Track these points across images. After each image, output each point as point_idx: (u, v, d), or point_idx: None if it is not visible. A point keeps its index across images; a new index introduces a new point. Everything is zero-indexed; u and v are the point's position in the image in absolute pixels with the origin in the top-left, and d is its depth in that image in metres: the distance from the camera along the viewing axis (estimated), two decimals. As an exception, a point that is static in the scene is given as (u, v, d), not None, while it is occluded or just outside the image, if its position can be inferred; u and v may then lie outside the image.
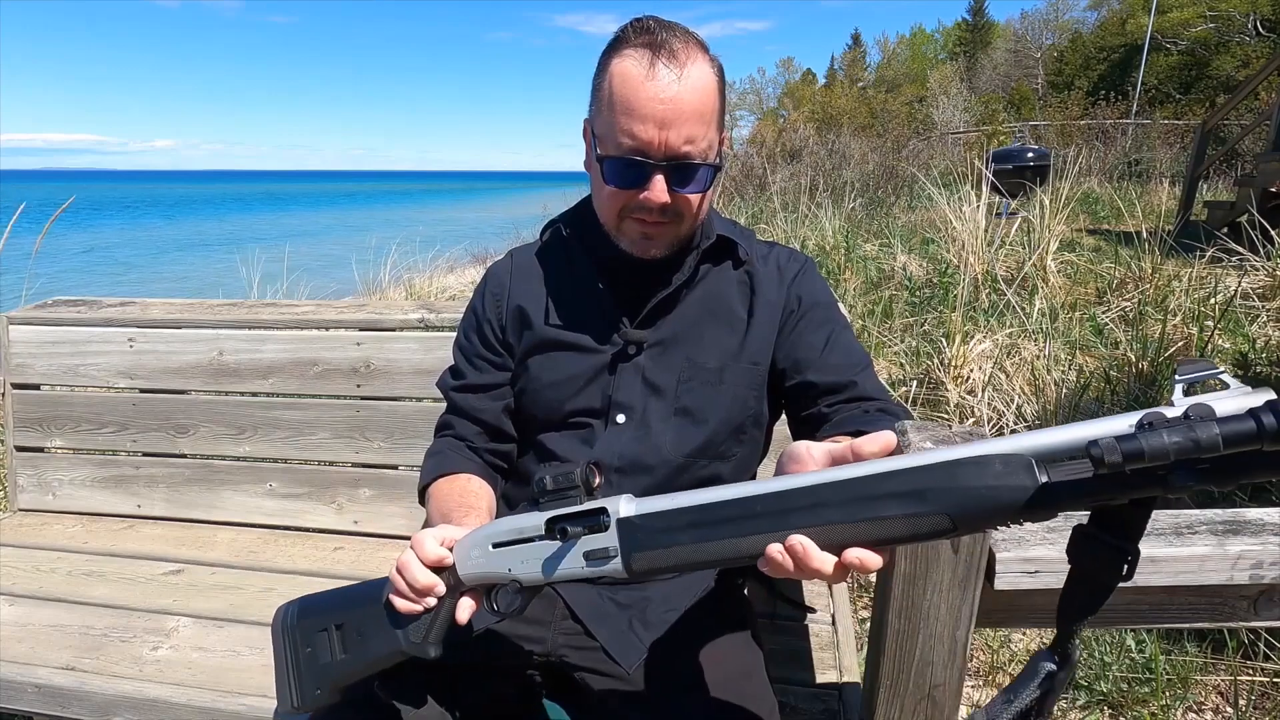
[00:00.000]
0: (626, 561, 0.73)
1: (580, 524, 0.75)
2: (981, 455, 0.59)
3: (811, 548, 0.63)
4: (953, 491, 0.60)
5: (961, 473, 0.59)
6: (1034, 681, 0.64)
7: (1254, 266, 4.32)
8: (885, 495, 0.62)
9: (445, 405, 1.20)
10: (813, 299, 1.12)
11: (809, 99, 36.04)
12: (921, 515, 0.61)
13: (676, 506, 0.70)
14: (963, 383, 3.44)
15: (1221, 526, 0.86)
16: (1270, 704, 1.81)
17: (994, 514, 0.59)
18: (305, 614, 0.93)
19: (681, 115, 0.94)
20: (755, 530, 0.66)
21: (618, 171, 0.98)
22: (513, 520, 0.80)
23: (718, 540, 0.68)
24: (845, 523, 0.63)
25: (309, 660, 0.91)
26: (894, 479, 0.62)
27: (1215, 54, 25.06)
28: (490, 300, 1.17)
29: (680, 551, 0.70)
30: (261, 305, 2.01)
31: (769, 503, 0.66)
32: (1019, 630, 2.16)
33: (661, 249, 1.05)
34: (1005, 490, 0.58)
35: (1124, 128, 17.92)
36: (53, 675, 1.35)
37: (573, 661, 1.05)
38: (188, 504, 1.95)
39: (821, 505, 0.64)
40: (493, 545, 0.81)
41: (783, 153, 13.20)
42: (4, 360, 1.98)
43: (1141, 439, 0.51)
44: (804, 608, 1.54)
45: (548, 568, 0.78)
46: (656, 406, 1.08)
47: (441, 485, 1.08)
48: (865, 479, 0.63)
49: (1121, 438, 0.52)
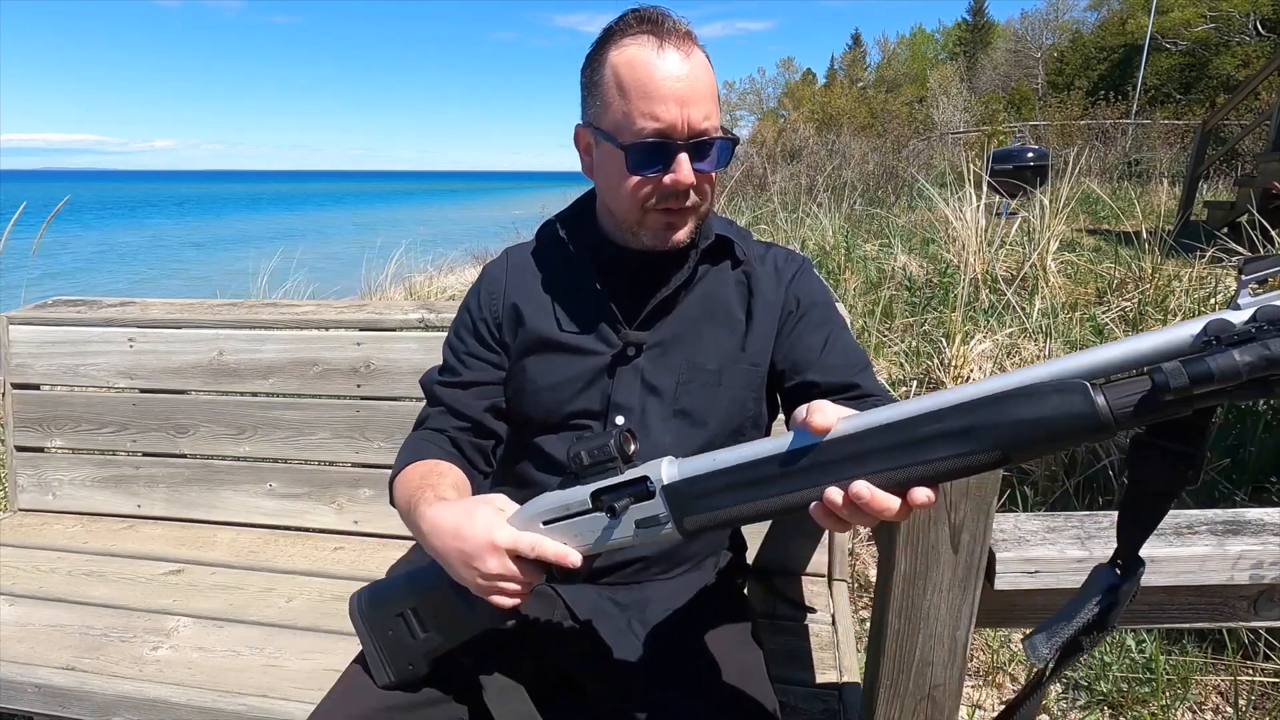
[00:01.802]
0: (679, 525, 0.73)
1: (625, 494, 0.75)
2: (1032, 384, 0.56)
3: (877, 493, 0.61)
4: (1003, 426, 0.57)
5: (1012, 406, 0.56)
6: (1095, 595, 0.60)
7: (1254, 266, 4.32)
8: (933, 437, 0.59)
9: (425, 400, 1.18)
10: (811, 300, 1.11)
11: (809, 99, 36.02)
12: (973, 453, 0.58)
13: (719, 468, 0.69)
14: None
15: (1221, 526, 0.86)
16: (1270, 704, 1.81)
17: (1050, 443, 0.56)
18: (377, 602, 0.97)
19: (697, 92, 0.95)
20: (804, 484, 0.65)
21: (644, 156, 0.97)
22: (557, 496, 0.81)
23: (767, 497, 0.67)
24: (894, 468, 0.61)
25: (394, 641, 0.95)
26: (940, 418, 0.59)
27: (1215, 54, 25.07)
28: (485, 299, 1.15)
29: (731, 511, 0.70)
30: (261, 305, 2.01)
31: (814, 455, 0.64)
32: (1019, 630, 2.16)
33: (685, 235, 1.04)
34: (1061, 419, 0.55)
35: (1124, 128, 17.93)
36: (53, 675, 1.35)
37: (573, 660, 1.05)
38: (188, 504, 1.95)
39: (868, 453, 0.61)
40: (543, 523, 0.81)
41: (783, 153, 13.20)
42: (4, 360, 1.98)
43: (1210, 360, 0.47)
44: (804, 608, 1.54)
45: (602, 539, 0.78)
46: (655, 409, 1.08)
47: (407, 471, 1.05)
48: (910, 420, 0.60)
49: (1187, 359, 0.48)
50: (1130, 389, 0.53)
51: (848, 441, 0.62)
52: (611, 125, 0.98)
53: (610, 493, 0.76)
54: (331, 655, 1.38)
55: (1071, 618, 0.61)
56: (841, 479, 0.62)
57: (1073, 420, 0.54)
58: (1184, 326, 0.51)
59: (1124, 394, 0.53)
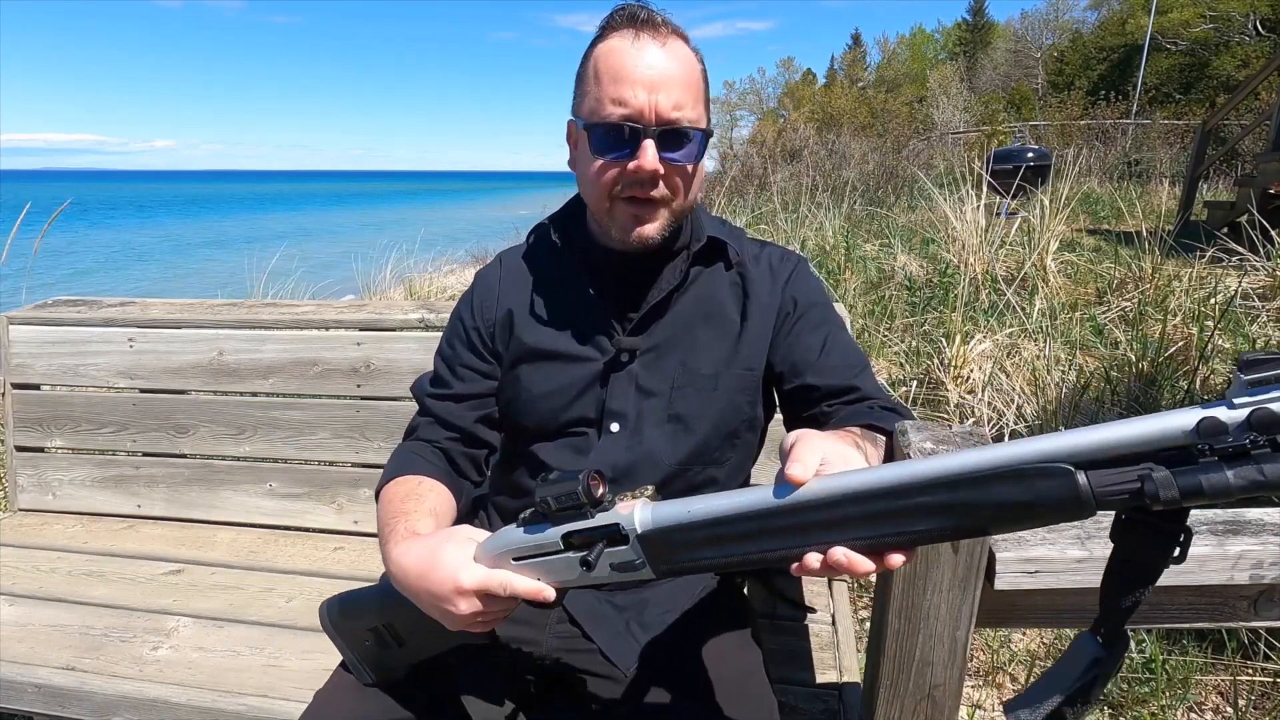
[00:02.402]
0: (655, 569, 0.73)
1: (599, 538, 0.74)
2: (1016, 465, 0.55)
3: (855, 558, 0.62)
4: (986, 506, 0.56)
5: (997, 488, 0.55)
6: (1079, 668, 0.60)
7: (1254, 267, 4.32)
8: (913, 510, 0.59)
9: (417, 409, 1.16)
10: (809, 300, 1.11)
11: (809, 99, 36.03)
12: (953, 528, 0.58)
13: (693, 520, 0.68)
14: (963, 383, 3.44)
15: (1221, 526, 0.86)
16: (1270, 704, 1.81)
17: (1030, 521, 0.56)
18: (349, 613, 0.97)
19: (670, 80, 0.95)
20: (782, 545, 0.64)
21: (607, 139, 0.97)
22: (528, 536, 0.79)
23: (744, 554, 0.67)
24: (873, 536, 0.61)
25: (371, 651, 0.96)
26: (921, 492, 0.58)
27: (1215, 54, 25.06)
28: (478, 307, 1.14)
29: (706, 562, 0.69)
30: (261, 305, 2.01)
31: (793, 517, 0.63)
32: (1019, 630, 2.16)
33: (654, 231, 1.01)
34: (1042, 504, 0.54)
35: (1124, 128, 17.93)
36: (53, 675, 1.35)
37: (570, 664, 1.05)
38: (188, 504, 1.95)
39: (848, 520, 0.61)
40: (514, 559, 0.80)
41: (783, 153, 13.20)
42: (4, 360, 1.98)
43: (1202, 477, 0.47)
44: (804, 608, 1.54)
45: (576, 579, 0.77)
46: (649, 413, 1.07)
47: (389, 488, 1.03)
48: (890, 491, 0.59)
49: (1179, 471, 0.48)
50: (1117, 480, 0.53)
51: (829, 506, 0.62)
52: (586, 112, 0.99)
53: (583, 534, 0.75)
54: (331, 655, 1.35)
55: (1056, 690, 0.60)
56: (820, 543, 0.63)
57: (1054, 504, 0.54)
58: (1176, 417, 0.50)
59: (1110, 484, 0.53)
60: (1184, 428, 0.50)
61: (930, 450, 0.80)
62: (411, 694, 0.98)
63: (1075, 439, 0.54)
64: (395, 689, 0.97)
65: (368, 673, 0.97)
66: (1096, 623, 0.61)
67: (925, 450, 0.80)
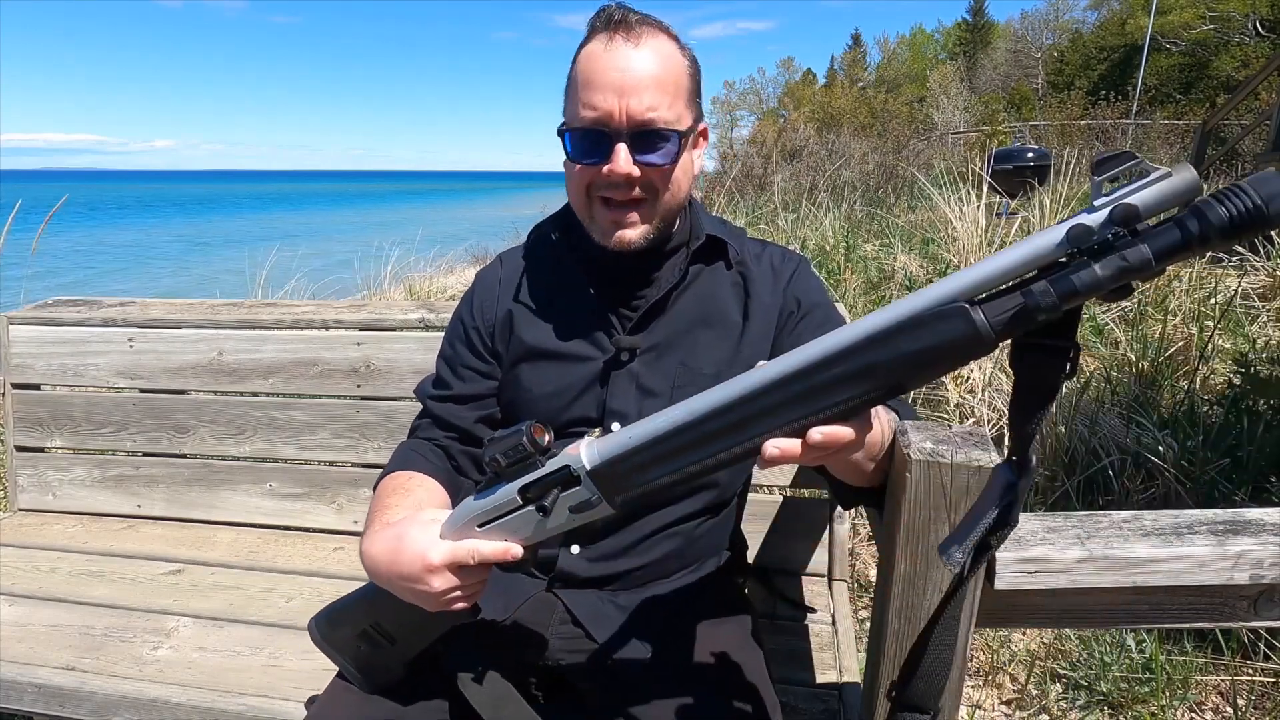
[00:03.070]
0: (611, 503, 0.75)
1: (551, 485, 0.76)
2: (915, 314, 0.58)
3: (789, 445, 0.63)
4: (898, 359, 0.59)
5: (902, 340, 0.59)
6: (996, 496, 0.64)
7: (1254, 266, 4.32)
8: (834, 382, 0.61)
9: (420, 409, 1.18)
10: (811, 300, 1.11)
11: (809, 99, 36.01)
12: (873, 390, 0.61)
13: (636, 444, 0.71)
14: (963, 382, 3.44)
15: (1221, 526, 0.86)
16: (1270, 704, 1.82)
17: (940, 365, 0.59)
18: (336, 623, 0.97)
19: (641, 82, 0.94)
20: (721, 448, 0.67)
21: (579, 143, 0.98)
22: (484, 501, 0.81)
23: (688, 465, 0.69)
24: (803, 417, 0.63)
25: (366, 657, 0.96)
26: (837, 363, 0.61)
27: (1215, 54, 25.05)
28: (479, 307, 1.15)
29: (656, 482, 0.72)
30: (261, 305, 2.01)
31: (723, 416, 0.66)
32: (1019, 630, 2.16)
33: (636, 236, 1.01)
34: (947, 344, 0.57)
35: (1124, 128, 17.92)
36: (53, 675, 1.35)
37: (572, 664, 1.05)
38: (188, 504, 1.95)
39: (775, 407, 0.63)
40: (478, 526, 0.81)
41: (783, 153, 13.17)
42: (4, 360, 1.98)
43: (1074, 277, 0.51)
44: (804, 608, 1.54)
45: (539, 531, 0.79)
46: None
47: (380, 485, 1.05)
48: (807, 370, 0.62)
49: (1053, 278, 0.52)
50: (1005, 305, 0.56)
51: (757, 397, 0.64)
52: (567, 117, 1.00)
53: (538, 485, 0.77)
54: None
55: (978, 521, 0.64)
56: (760, 434, 0.65)
57: (957, 342, 0.57)
58: (1047, 235, 0.54)
59: (1000, 310, 0.56)
60: (1055, 240, 0.53)
61: (931, 450, 0.80)
62: (411, 697, 0.98)
63: (963, 278, 0.58)
64: (394, 693, 0.97)
65: (366, 681, 0.97)
66: (1009, 451, 0.64)
67: (925, 450, 0.80)
